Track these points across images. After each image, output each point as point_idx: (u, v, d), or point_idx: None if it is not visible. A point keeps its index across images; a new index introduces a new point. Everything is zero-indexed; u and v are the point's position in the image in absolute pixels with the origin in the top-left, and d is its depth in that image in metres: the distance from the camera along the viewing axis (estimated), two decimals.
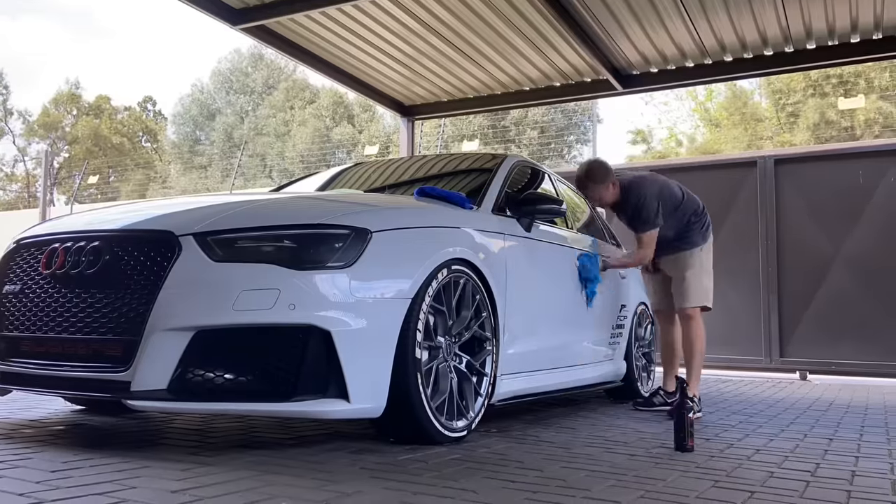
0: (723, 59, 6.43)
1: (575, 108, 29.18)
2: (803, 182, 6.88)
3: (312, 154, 28.86)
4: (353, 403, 2.30)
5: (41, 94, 62.49)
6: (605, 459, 2.44)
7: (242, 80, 40.18)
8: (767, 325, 6.82)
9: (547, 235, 3.67)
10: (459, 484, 1.97)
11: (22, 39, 59.65)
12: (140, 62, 61.79)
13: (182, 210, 2.60)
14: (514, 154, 4.23)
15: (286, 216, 2.59)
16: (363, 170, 4.22)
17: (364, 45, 6.41)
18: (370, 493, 1.82)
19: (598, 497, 1.88)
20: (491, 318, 2.94)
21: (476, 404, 2.82)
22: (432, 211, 2.95)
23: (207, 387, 2.23)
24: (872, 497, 2.02)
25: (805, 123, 23.29)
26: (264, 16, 5.77)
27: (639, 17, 5.67)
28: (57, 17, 62.90)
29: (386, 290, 2.46)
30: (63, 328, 2.36)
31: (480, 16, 5.75)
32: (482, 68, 6.82)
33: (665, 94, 26.90)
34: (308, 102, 36.43)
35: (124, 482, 1.84)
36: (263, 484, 1.89)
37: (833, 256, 6.66)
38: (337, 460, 2.25)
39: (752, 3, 5.37)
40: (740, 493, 2.00)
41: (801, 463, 2.51)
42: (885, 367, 6.34)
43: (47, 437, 2.54)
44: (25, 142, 40.30)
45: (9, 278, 2.58)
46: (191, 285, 2.26)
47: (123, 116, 41.67)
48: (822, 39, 5.98)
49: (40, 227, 2.77)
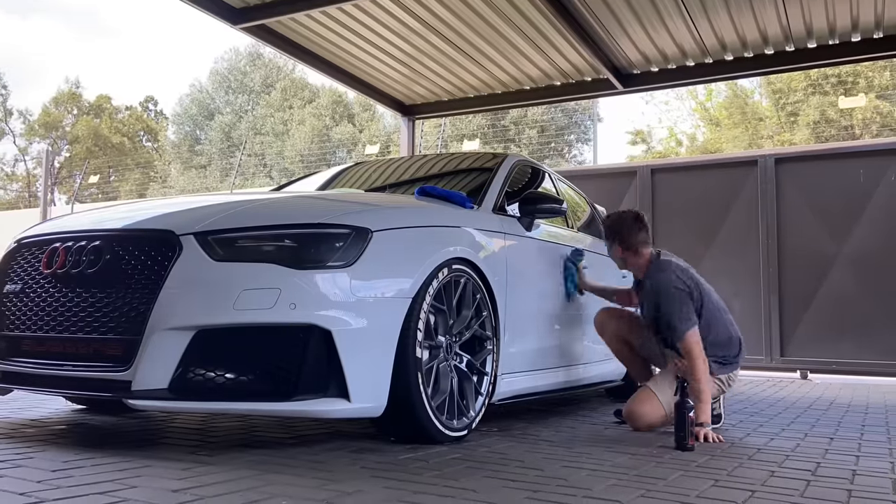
0: (723, 58, 6.43)
1: (575, 107, 29.19)
2: (804, 181, 6.88)
3: (312, 153, 28.86)
4: (353, 403, 2.30)
5: (43, 93, 62.55)
6: (606, 458, 2.44)
7: (240, 79, 40.13)
8: (768, 324, 6.81)
9: (547, 235, 3.67)
10: (460, 483, 1.97)
11: (25, 39, 59.75)
12: (141, 61, 61.88)
13: (183, 209, 2.60)
14: (515, 153, 4.23)
15: (287, 215, 2.59)
16: (364, 169, 4.22)
17: (364, 44, 6.41)
18: (371, 493, 1.82)
19: (598, 496, 1.88)
20: (491, 317, 2.94)
21: (476, 403, 2.82)
22: (433, 210, 2.95)
23: (208, 386, 2.24)
24: (873, 496, 2.02)
25: (805, 122, 23.27)
26: (265, 15, 5.77)
27: (639, 16, 5.67)
28: (61, 16, 63.02)
29: (386, 289, 2.46)
30: (64, 328, 2.37)
31: (481, 15, 5.75)
32: (482, 67, 6.82)
33: (665, 94, 26.89)
34: (307, 102, 36.38)
35: (125, 481, 1.85)
36: (264, 483, 1.89)
37: (834, 255, 6.66)
38: (337, 459, 2.25)
39: (752, 2, 5.37)
40: (741, 492, 2.00)
41: (802, 462, 2.51)
42: (885, 367, 6.33)
43: (48, 436, 2.54)
44: (26, 141, 40.32)
45: (10, 278, 2.58)
46: (191, 285, 2.26)
47: (124, 116, 41.66)
48: (823, 38, 5.98)
49: (41, 227, 2.77)
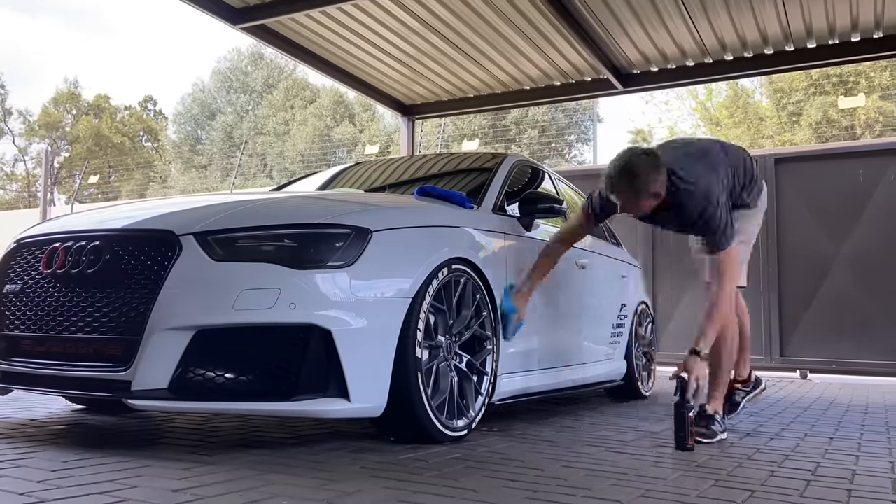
0: (723, 58, 6.43)
1: (575, 107, 29.20)
2: (804, 181, 6.88)
3: (313, 153, 28.85)
4: (353, 403, 2.30)
5: (42, 93, 62.61)
6: (606, 458, 2.44)
7: (242, 79, 40.14)
8: (768, 323, 6.82)
9: (547, 235, 3.67)
10: (460, 483, 1.97)
11: (24, 38, 59.76)
12: (141, 61, 61.89)
13: (182, 209, 2.59)
14: (515, 153, 4.23)
15: (287, 215, 2.59)
16: (364, 169, 4.22)
17: (364, 44, 6.41)
18: (371, 493, 1.82)
19: (598, 496, 1.88)
20: (491, 317, 2.94)
21: (476, 403, 2.82)
22: (433, 210, 2.95)
23: (208, 386, 2.23)
24: (873, 496, 2.02)
25: (806, 122, 23.27)
26: (265, 15, 5.77)
27: (639, 16, 5.67)
28: (60, 15, 63.02)
29: (386, 289, 2.46)
30: (64, 328, 2.37)
31: (481, 15, 5.75)
32: (483, 67, 6.82)
33: (665, 94, 26.83)
34: (308, 102, 36.39)
35: (125, 481, 1.85)
36: (264, 483, 1.89)
37: (833, 255, 6.66)
38: (337, 459, 2.25)
39: (752, 2, 5.37)
40: (741, 492, 2.00)
41: (802, 462, 2.50)
42: (885, 366, 6.34)
43: (48, 436, 2.54)
44: (26, 141, 40.33)
45: (9, 278, 2.58)
46: (191, 285, 2.26)
47: (124, 116, 41.66)
48: (823, 38, 5.98)
49: (41, 227, 2.77)
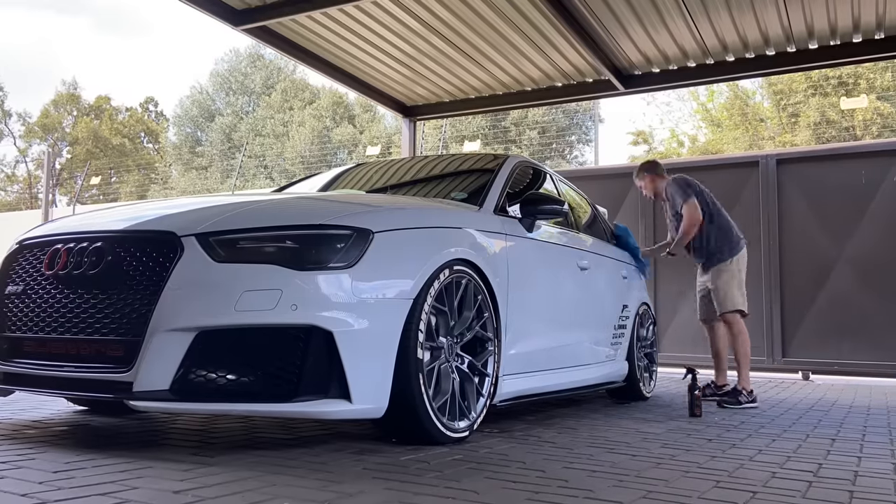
0: (725, 59, 6.43)
1: (576, 108, 29.18)
2: (805, 182, 6.88)
3: (313, 155, 28.86)
4: (355, 404, 2.30)
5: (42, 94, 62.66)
6: (607, 460, 2.44)
7: (241, 80, 40.13)
8: (770, 325, 6.81)
9: (549, 236, 3.67)
10: (461, 484, 1.97)
11: (23, 39, 59.80)
12: (141, 62, 61.93)
13: (184, 211, 2.59)
14: (516, 154, 4.23)
15: (288, 217, 2.59)
16: (365, 170, 4.22)
17: (365, 45, 6.41)
18: (372, 494, 1.82)
19: (600, 497, 1.88)
20: (493, 318, 2.94)
21: (478, 405, 2.82)
22: (434, 211, 2.95)
23: (209, 387, 2.23)
24: (875, 497, 2.02)
25: (806, 123, 23.25)
26: (266, 16, 5.78)
27: (640, 17, 5.67)
28: (60, 15, 63.03)
29: (388, 290, 2.46)
30: (65, 329, 2.37)
31: (482, 16, 5.75)
32: (484, 68, 6.82)
33: (667, 95, 26.85)
34: (308, 103, 36.36)
35: (126, 482, 1.85)
36: (265, 484, 1.89)
37: (835, 256, 6.65)
38: (339, 460, 2.25)
39: (753, 3, 5.37)
40: (742, 493, 2.00)
41: (804, 463, 2.50)
42: (887, 368, 6.33)
43: (50, 437, 2.54)
44: (26, 143, 40.36)
45: (11, 279, 2.59)
46: (193, 286, 2.26)
47: (125, 117, 41.68)
48: (824, 39, 5.98)
49: (43, 228, 2.77)
